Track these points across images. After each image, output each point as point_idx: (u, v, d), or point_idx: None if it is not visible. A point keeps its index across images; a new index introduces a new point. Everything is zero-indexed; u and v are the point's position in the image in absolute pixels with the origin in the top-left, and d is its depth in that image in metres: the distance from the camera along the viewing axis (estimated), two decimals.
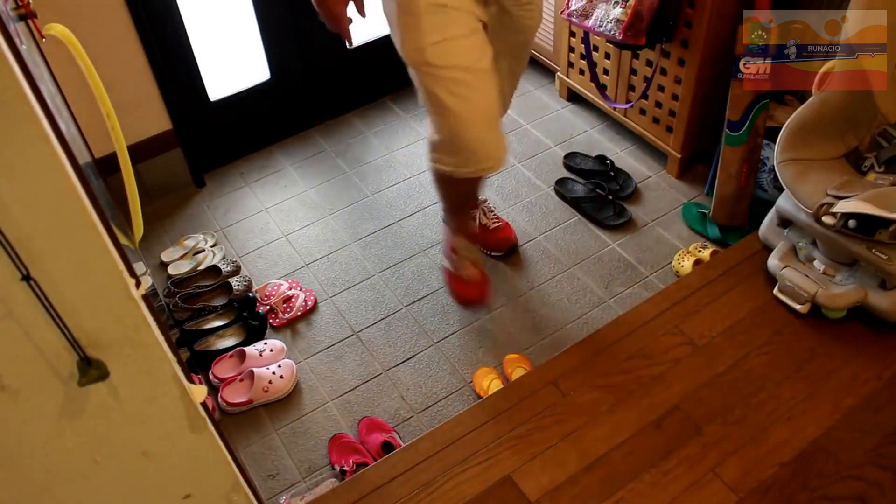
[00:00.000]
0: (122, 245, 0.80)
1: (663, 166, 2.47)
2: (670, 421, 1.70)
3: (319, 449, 1.84)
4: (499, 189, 2.46)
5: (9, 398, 0.77)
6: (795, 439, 1.65)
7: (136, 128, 2.33)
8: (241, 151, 2.65)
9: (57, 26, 1.02)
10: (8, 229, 0.65)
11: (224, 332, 2.09)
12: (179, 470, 0.98)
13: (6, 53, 0.60)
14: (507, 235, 2.24)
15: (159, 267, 2.29)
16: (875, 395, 1.72)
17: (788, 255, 1.93)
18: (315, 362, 2.03)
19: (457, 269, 2.01)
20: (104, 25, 2.10)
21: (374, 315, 2.12)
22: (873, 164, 1.80)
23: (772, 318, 1.88)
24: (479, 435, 1.70)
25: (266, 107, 2.61)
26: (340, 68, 2.68)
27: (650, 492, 1.58)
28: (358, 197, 2.48)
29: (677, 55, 2.19)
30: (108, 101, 1.04)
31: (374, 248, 2.31)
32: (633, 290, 2.13)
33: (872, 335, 1.83)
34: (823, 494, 1.57)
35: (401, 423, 1.88)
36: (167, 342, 0.85)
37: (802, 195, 1.80)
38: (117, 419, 0.86)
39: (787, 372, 1.77)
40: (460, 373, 1.97)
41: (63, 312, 0.73)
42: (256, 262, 2.30)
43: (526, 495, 1.60)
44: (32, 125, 0.63)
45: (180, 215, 2.46)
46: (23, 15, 0.98)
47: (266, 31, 2.45)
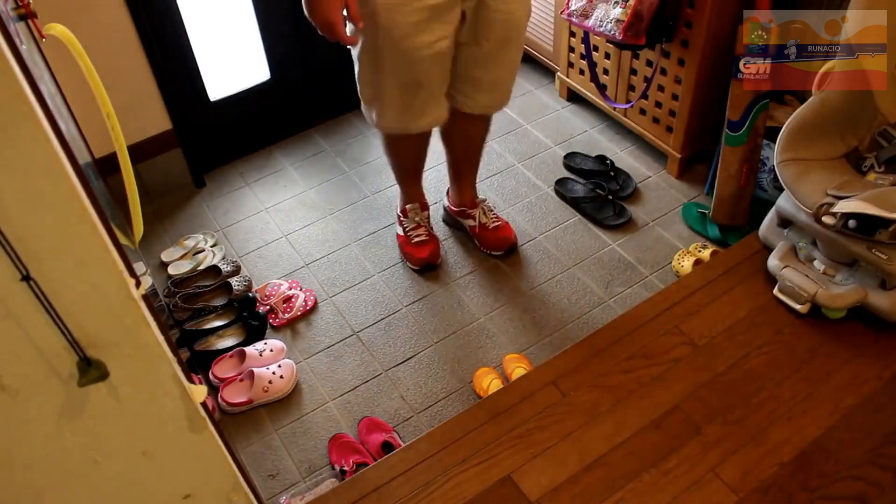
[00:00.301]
0: (122, 245, 0.80)
1: (663, 166, 2.47)
2: (670, 421, 1.70)
3: (319, 449, 1.84)
4: (499, 189, 2.46)
5: (9, 398, 0.77)
6: (795, 439, 1.65)
7: (136, 128, 2.33)
8: (240, 151, 2.65)
9: (57, 26, 1.02)
10: (8, 229, 0.65)
11: (224, 332, 2.09)
12: (179, 470, 0.98)
13: (6, 53, 0.60)
14: (506, 235, 2.24)
15: (159, 267, 2.29)
16: (875, 395, 1.72)
17: (788, 255, 1.93)
18: (315, 362, 2.03)
19: (406, 231, 2.23)
20: (104, 25, 2.10)
21: (374, 315, 2.12)
22: (873, 164, 1.80)
23: (772, 318, 1.88)
24: (479, 435, 1.70)
25: (266, 107, 2.61)
26: (340, 68, 2.67)
27: (650, 492, 1.58)
28: (358, 197, 2.48)
29: (677, 55, 2.19)
30: (108, 101, 1.04)
31: (374, 248, 2.31)
32: (633, 290, 2.13)
33: (872, 335, 1.83)
34: (823, 494, 1.57)
35: (401, 423, 1.88)
36: (167, 342, 0.85)
37: (802, 195, 1.80)
38: (117, 419, 0.86)
39: (787, 372, 1.77)
40: (460, 373, 1.97)
41: (63, 312, 0.73)
42: (256, 262, 2.30)
43: (526, 495, 1.60)
44: (32, 125, 0.63)
45: (180, 215, 2.46)
46: (23, 15, 0.98)
47: (266, 31, 2.45)
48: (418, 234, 2.22)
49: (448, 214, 2.33)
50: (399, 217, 2.28)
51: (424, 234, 2.23)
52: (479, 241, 2.25)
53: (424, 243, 2.21)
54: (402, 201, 2.28)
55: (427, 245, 2.21)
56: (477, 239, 2.25)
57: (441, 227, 2.35)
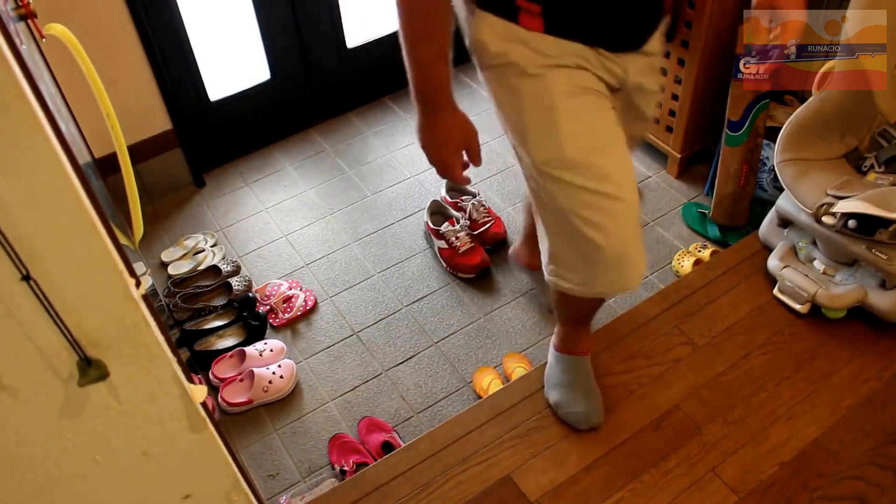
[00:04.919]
0: (122, 245, 0.80)
1: (663, 166, 2.47)
2: (670, 421, 1.70)
3: (319, 449, 1.84)
4: (499, 189, 2.46)
5: (9, 398, 0.77)
6: (795, 439, 1.65)
7: (136, 128, 2.33)
8: (240, 151, 2.65)
9: (57, 26, 1.03)
10: (8, 229, 0.65)
11: (224, 332, 2.09)
12: (179, 470, 0.98)
13: (6, 53, 0.60)
14: (496, 231, 2.26)
15: (159, 267, 2.29)
16: (875, 395, 1.72)
17: (788, 255, 1.93)
18: (315, 362, 2.03)
19: (450, 244, 2.12)
20: (104, 25, 2.10)
21: (374, 315, 2.12)
22: (873, 164, 1.80)
23: (772, 318, 1.88)
24: (479, 435, 1.70)
25: (266, 107, 2.61)
26: (340, 68, 2.68)
27: (650, 492, 1.58)
28: (358, 197, 2.48)
29: (677, 55, 2.19)
30: (108, 101, 1.04)
31: (374, 248, 2.31)
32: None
33: (872, 335, 1.83)
34: (823, 494, 1.57)
35: (401, 423, 1.88)
36: (167, 342, 0.85)
37: (802, 195, 1.80)
38: (117, 419, 0.86)
39: (787, 372, 1.77)
40: (460, 373, 1.97)
41: (63, 312, 0.73)
42: (256, 262, 2.30)
43: (526, 495, 1.60)
44: (32, 125, 0.63)
45: (180, 215, 2.46)
46: (23, 15, 0.99)
47: (266, 31, 2.45)
48: (463, 242, 2.19)
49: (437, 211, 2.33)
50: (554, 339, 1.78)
51: (469, 241, 2.20)
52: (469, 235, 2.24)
53: (472, 250, 2.19)
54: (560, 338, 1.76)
55: (476, 250, 2.20)
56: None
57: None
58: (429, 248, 2.29)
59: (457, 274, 2.19)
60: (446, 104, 1.24)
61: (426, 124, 1.26)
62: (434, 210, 2.31)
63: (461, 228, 2.22)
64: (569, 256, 1.39)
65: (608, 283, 1.38)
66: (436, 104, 1.23)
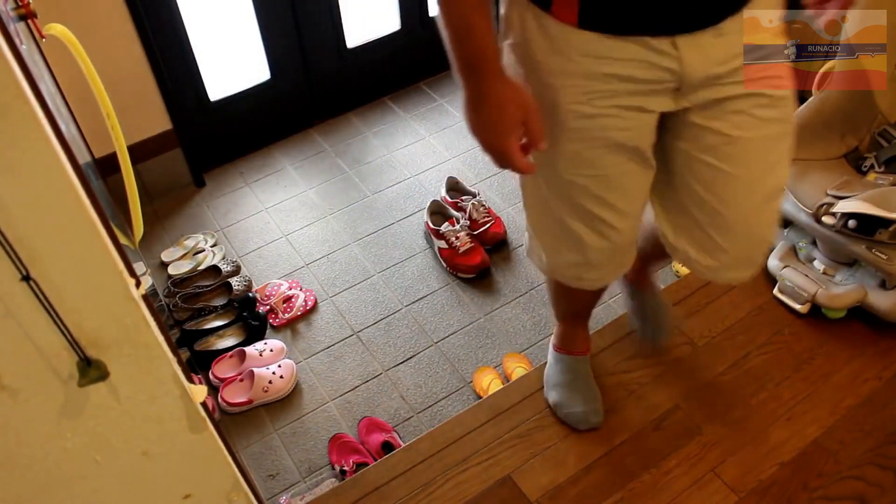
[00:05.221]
0: (122, 245, 0.80)
1: None
2: (670, 421, 1.70)
3: (319, 449, 1.84)
4: (499, 189, 2.46)
5: (9, 398, 0.77)
6: (795, 439, 1.65)
7: (136, 128, 2.33)
8: (240, 151, 2.65)
9: (57, 26, 1.03)
10: (8, 229, 0.65)
11: (224, 332, 2.09)
12: (179, 470, 0.98)
13: (6, 53, 0.60)
14: (496, 231, 2.26)
15: (159, 267, 2.29)
16: (875, 395, 1.72)
17: (788, 255, 1.93)
18: (315, 362, 2.03)
19: (450, 244, 2.11)
20: (104, 25, 2.10)
21: (374, 315, 2.12)
22: (873, 164, 1.80)
23: (772, 318, 1.88)
24: (479, 435, 1.70)
25: (266, 107, 2.61)
26: (340, 68, 2.68)
27: (650, 492, 1.58)
28: (358, 197, 2.48)
29: None
30: (108, 101, 1.04)
31: (374, 248, 2.31)
32: None
33: (872, 335, 1.83)
34: (823, 494, 1.57)
35: (401, 423, 1.88)
36: (167, 342, 0.85)
37: (802, 195, 1.80)
38: (117, 419, 0.86)
39: (787, 372, 1.77)
40: (460, 373, 1.97)
41: (63, 312, 0.73)
42: (256, 262, 2.30)
43: (526, 495, 1.59)
44: (32, 125, 0.63)
45: (180, 215, 2.46)
46: (23, 15, 0.99)
47: (266, 31, 2.45)
48: (463, 242, 2.20)
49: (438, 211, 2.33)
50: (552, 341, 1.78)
51: (469, 241, 2.21)
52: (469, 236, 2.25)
53: (472, 250, 2.20)
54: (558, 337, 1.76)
55: (476, 250, 2.21)
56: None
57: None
58: (429, 248, 2.29)
59: (457, 274, 2.19)
60: (489, 69, 1.00)
61: (471, 100, 1.03)
62: (434, 210, 2.31)
63: (461, 228, 2.22)
64: (549, 241, 1.34)
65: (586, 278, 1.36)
66: (478, 70, 1.00)
